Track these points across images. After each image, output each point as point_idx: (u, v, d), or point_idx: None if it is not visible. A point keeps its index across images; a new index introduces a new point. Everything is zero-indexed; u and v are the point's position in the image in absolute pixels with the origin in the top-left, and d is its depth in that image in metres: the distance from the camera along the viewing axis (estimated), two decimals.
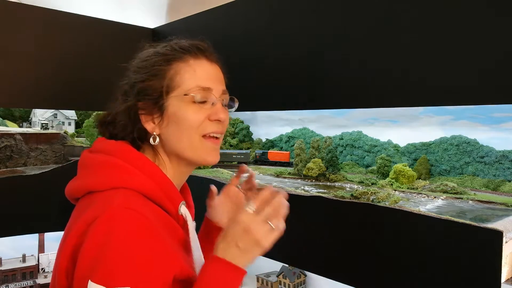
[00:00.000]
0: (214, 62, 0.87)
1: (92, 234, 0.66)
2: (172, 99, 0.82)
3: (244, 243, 0.73)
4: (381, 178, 3.78)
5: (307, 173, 4.23)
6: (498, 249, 1.04)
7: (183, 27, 1.96)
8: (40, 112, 4.03)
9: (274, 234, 0.75)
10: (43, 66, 1.83)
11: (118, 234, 0.65)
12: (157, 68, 0.83)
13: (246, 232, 0.74)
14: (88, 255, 0.65)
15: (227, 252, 0.74)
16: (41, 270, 3.00)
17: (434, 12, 1.13)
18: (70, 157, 3.50)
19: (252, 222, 0.74)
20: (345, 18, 1.34)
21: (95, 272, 0.63)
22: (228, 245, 0.74)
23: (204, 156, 0.83)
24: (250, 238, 0.73)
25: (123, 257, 0.64)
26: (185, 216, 0.84)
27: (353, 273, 1.38)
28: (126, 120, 0.84)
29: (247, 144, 5.25)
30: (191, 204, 0.96)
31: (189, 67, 0.83)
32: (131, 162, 0.79)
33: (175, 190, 0.83)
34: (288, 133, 4.94)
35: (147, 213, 0.70)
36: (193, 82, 0.82)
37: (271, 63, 1.59)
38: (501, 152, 3.08)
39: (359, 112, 3.72)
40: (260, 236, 0.73)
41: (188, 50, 0.85)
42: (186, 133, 0.81)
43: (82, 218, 0.70)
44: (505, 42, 1.00)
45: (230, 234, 0.75)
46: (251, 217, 0.75)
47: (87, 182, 0.78)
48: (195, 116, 0.81)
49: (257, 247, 0.74)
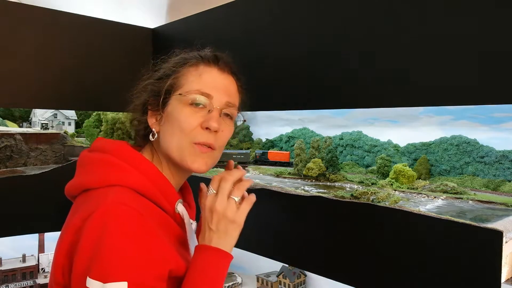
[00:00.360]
0: (227, 73, 0.88)
1: (87, 230, 0.66)
2: (173, 99, 0.83)
3: (215, 224, 0.77)
4: (381, 178, 3.78)
5: (307, 173, 4.23)
6: (498, 249, 1.04)
7: (183, 27, 1.96)
8: (40, 112, 4.03)
9: (244, 207, 0.79)
10: (43, 66, 1.83)
11: (112, 229, 0.65)
12: (172, 69, 0.86)
13: (212, 212, 0.77)
14: (84, 251, 0.66)
15: (205, 238, 0.77)
16: (41, 270, 3.00)
17: (434, 12, 1.13)
18: (70, 157, 3.50)
19: (214, 201, 0.78)
20: (345, 18, 1.34)
21: (91, 268, 0.64)
22: (204, 231, 0.78)
23: (188, 162, 0.81)
24: (218, 217, 0.77)
25: (117, 252, 0.64)
26: (182, 214, 0.84)
27: (353, 273, 1.38)
28: (139, 115, 0.88)
29: (247, 144, 5.25)
30: (192, 204, 0.96)
31: (196, 71, 0.85)
32: (127, 160, 0.79)
33: (171, 188, 0.83)
34: (288, 133, 4.94)
35: (140, 209, 0.70)
36: (195, 85, 0.83)
37: (271, 63, 1.59)
38: (501, 152, 3.08)
39: (359, 112, 3.72)
40: (226, 211, 0.77)
41: (202, 57, 0.87)
42: (177, 134, 0.81)
43: (77, 215, 0.70)
44: (505, 42, 1.00)
45: (203, 221, 0.79)
46: (212, 197, 0.79)
47: (83, 180, 0.79)
48: (188, 119, 0.81)
49: (229, 224, 0.77)
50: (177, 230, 0.82)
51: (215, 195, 0.78)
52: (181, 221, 0.84)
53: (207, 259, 0.75)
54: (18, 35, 1.76)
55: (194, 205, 0.97)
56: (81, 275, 0.65)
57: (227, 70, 0.88)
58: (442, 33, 1.11)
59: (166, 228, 0.78)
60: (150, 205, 0.78)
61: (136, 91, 0.89)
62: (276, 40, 1.56)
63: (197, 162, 0.82)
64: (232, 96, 0.87)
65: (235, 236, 0.79)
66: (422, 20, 1.15)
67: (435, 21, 1.13)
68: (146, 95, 0.87)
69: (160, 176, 0.82)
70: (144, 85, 0.88)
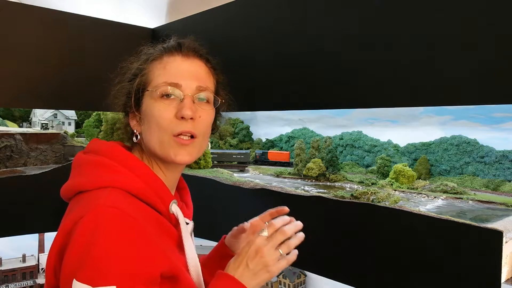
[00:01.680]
0: (192, 57, 0.85)
1: (77, 233, 0.66)
2: (145, 97, 0.83)
3: (254, 264, 0.78)
4: (381, 178, 3.78)
5: (307, 173, 4.23)
6: (498, 249, 1.04)
7: (183, 27, 1.96)
8: (40, 112, 4.03)
9: (283, 263, 0.81)
10: (43, 66, 1.83)
11: (102, 233, 0.65)
12: (139, 68, 0.85)
13: (257, 253, 0.78)
14: (73, 254, 0.65)
15: (237, 271, 0.78)
16: (41, 270, 3.00)
17: (434, 12, 1.13)
18: (70, 157, 3.50)
19: (265, 245, 0.79)
20: (345, 18, 1.34)
21: (79, 271, 0.63)
22: (239, 264, 0.79)
23: (172, 155, 0.81)
24: (260, 261, 0.78)
25: (107, 256, 0.64)
26: (176, 214, 0.83)
27: (353, 273, 1.38)
28: (122, 118, 0.88)
29: (247, 144, 5.25)
30: (189, 204, 0.95)
31: (160, 64, 0.84)
32: (120, 161, 0.79)
33: (164, 189, 0.83)
34: (288, 133, 4.94)
35: (132, 212, 0.70)
36: (161, 78, 0.82)
37: (271, 63, 1.59)
38: (501, 152, 3.08)
39: (359, 112, 3.72)
40: (269, 260, 0.78)
41: (165, 48, 0.86)
42: (156, 130, 0.81)
43: (68, 217, 0.70)
44: (505, 42, 1.00)
45: (243, 254, 0.80)
46: (263, 240, 0.80)
47: (77, 182, 0.78)
48: (162, 113, 0.80)
49: (265, 271, 0.79)
50: (172, 230, 0.81)
51: (267, 240, 0.80)
52: (176, 222, 0.84)
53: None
54: (18, 35, 1.76)
55: (191, 205, 0.96)
56: (69, 277, 0.64)
57: (192, 55, 0.86)
58: (443, 33, 1.11)
59: (160, 229, 0.78)
60: (143, 206, 0.77)
61: (112, 97, 0.88)
62: (276, 40, 1.56)
63: (180, 154, 0.81)
64: (202, 79, 0.85)
65: (263, 282, 0.81)
66: (422, 20, 1.15)
67: (435, 21, 1.13)
68: (123, 99, 0.86)
69: (153, 177, 0.81)
70: (118, 88, 0.87)
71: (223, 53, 0.90)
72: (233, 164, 5.34)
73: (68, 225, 0.68)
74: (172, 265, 0.73)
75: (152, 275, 0.68)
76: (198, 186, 1.06)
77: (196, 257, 0.86)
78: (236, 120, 5.01)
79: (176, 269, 0.75)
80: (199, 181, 2.06)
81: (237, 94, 0.93)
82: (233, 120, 5.16)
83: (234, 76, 0.94)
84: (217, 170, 3.87)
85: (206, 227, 1.43)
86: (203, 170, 3.48)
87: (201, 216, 1.06)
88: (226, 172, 4.19)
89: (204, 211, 1.06)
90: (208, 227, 1.53)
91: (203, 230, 1.27)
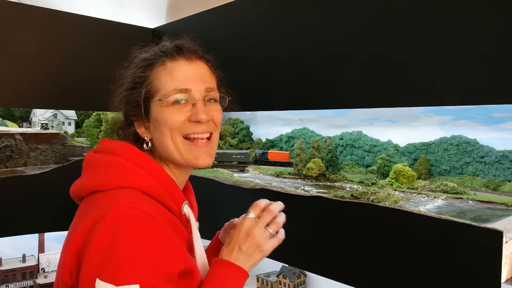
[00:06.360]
0: (195, 60, 0.86)
1: (98, 233, 0.67)
2: (154, 105, 0.83)
3: (247, 246, 0.80)
4: (381, 178, 3.78)
5: (307, 173, 4.23)
6: (498, 249, 1.04)
7: (183, 27, 1.96)
8: (40, 112, 4.03)
9: (274, 241, 0.83)
10: (43, 66, 1.83)
11: (125, 233, 0.66)
12: (139, 75, 0.85)
13: (248, 235, 0.81)
14: (95, 254, 0.66)
15: (231, 255, 0.81)
16: (41, 270, 3.00)
17: (434, 12, 1.13)
18: (70, 157, 3.50)
19: (254, 226, 0.82)
20: (346, 18, 1.34)
21: (102, 271, 0.64)
22: (232, 249, 0.81)
23: (193, 160, 0.83)
24: (252, 242, 0.80)
25: (130, 256, 0.65)
26: (188, 215, 0.85)
27: (353, 273, 1.38)
28: (125, 125, 0.88)
29: (247, 144, 5.24)
30: (194, 204, 0.96)
31: (165, 70, 0.83)
32: (135, 161, 0.80)
33: (178, 190, 0.84)
34: (288, 133, 4.94)
35: (152, 212, 0.71)
36: (170, 85, 0.82)
37: (271, 63, 1.59)
38: (501, 152, 3.08)
39: (359, 112, 3.72)
40: (261, 240, 0.81)
41: (166, 53, 0.85)
42: (168, 136, 0.82)
43: (87, 217, 0.70)
44: (505, 42, 1.00)
45: (234, 238, 0.82)
46: (252, 221, 0.82)
47: (92, 181, 0.79)
48: (174, 117, 0.81)
49: (258, 251, 0.81)
50: (183, 231, 0.83)
51: (255, 221, 0.82)
52: (186, 222, 0.85)
53: (230, 274, 0.79)
54: (18, 35, 1.76)
55: (196, 205, 0.97)
56: (91, 277, 0.65)
57: (194, 57, 0.86)
58: (443, 33, 1.11)
59: (175, 229, 0.79)
60: (159, 206, 0.78)
61: (113, 106, 0.89)
62: (276, 40, 1.56)
63: (201, 158, 0.84)
64: (207, 81, 0.86)
65: (257, 262, 0.83)
66: (423, 20, 1.15)
67: (435, 21, 1.13)
68: (125, 108, 0.86)
69: (167, 178, 0.82)
70: (119, 98, 0.87)
71: (223, 52, 0.90)
72: (233, 164, 5.33)
73: (87, 225, 0.69)
74: (188, 263, 0.75)
75: (173, 273, 0.70)
76: (198, 186, 1.06)
77: (205, 257, 0.87)
78: (236, 120, 5.01)
79: (191, 267, 0.76)
80: (199, 181, 2.06)
81: (237, 94, 0.93)
82: (233, 120, 5.16)
83: (234, 76, 0.94)
84: (217, 170, 3.87)
85: (206, 227, 1.43)
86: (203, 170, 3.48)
87: (201, 216, 1.06)
88: (226, 172, 4.19)
89: (204, 211, 1.07)
90: (208, 227, 1.52)
91: (203, 229, 1.27)
